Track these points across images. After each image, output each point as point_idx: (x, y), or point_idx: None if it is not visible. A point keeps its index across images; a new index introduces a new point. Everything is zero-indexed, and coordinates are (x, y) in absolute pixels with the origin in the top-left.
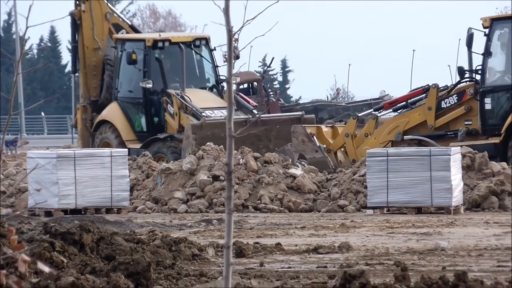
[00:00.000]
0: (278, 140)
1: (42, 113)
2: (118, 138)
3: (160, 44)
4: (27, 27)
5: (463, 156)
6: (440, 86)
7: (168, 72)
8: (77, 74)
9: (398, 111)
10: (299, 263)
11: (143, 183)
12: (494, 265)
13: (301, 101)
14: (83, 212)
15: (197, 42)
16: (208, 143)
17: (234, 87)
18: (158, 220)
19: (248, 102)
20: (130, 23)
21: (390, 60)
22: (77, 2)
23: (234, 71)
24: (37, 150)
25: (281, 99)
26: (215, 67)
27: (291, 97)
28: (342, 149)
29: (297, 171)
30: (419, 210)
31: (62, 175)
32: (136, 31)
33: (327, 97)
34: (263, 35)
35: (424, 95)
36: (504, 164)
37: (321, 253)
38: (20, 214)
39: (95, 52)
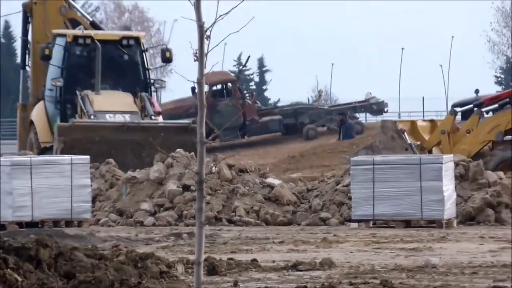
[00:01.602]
0: (163, 150)
1: None
2: (37, 140)
3: (81, 41)
4: None
5: (456, 164)
6: None
7: (94, 72)
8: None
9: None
10: (276, 282)
11: (106, 194)
12: (490, 284)
13: (279, 104)
14: (40, 225)
15: (125, 41)
16: (178, 150)
17: (205, 88)
18: (122, 233)
19: (153, 105)
20: (91, 19)
21: (376, 59)
22: None
23: (205, 71)
24: None
25: (258, 102)
26: (145, 69)
27: (269, 99)
28: (440, 146)
29: (275, 180)
30: (408, 224)
31: (17, 185)
32: (97, 28)
33: (308, 99)
34: (237, 31)
35: None
36: (500, 173)
37: (301, 270)
38: None
39: None
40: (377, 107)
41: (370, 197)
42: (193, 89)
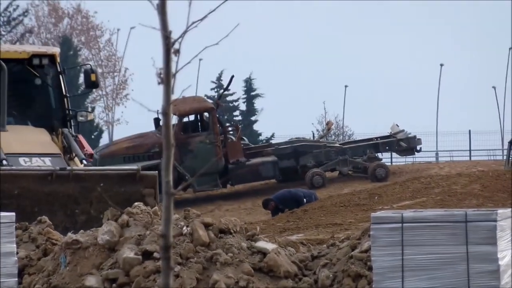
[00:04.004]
0: (102, 204)
1: None
2: None
3: None
4: None
5: None
6: None
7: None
8: None
9: None
10: None
11: (38, 264)
12: None
13: (274, 141)
14: None
15: (36, 61)
16: (136, 204)
17: (174, 120)
18: None
19: (83, 147)
20: None
21: (403, 80)
22: None
23: (174, 97)
24: None
25: (245, 138)
26: (62, 97)
27: (260, 134)
28: None
29: (268, 244)
30: None
31: None
32: None
33: (313, 134)
34: (216, 43)
35: None
36: None
37: None
38: None
39: None
40: (406, 145)
41: (398, 266)
42: (156, 121)
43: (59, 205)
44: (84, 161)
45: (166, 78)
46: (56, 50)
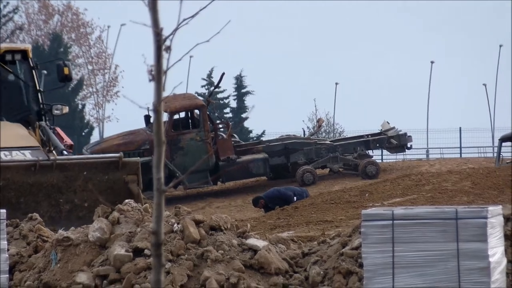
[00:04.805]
0: (86, 193)
1: None
2: None
3: None
4: None
5: (507, 219)
6: None
7: None
8: None
9: None
10: None
11: (29, 261)
12: None
13: (264, 138)
14: None
15: (9, 57)
16: (127, 201)
17: (164, 117)
18: None
19: (62, 139)
20: None
21: (394, 77)
22: None
23: (164, 94)
24: None
25: (235, 135)
26: (36, 91)
27: (250, 131)
28: None
29: (259, 241)
30: None
31: None
32: None
33: (304, 131)
34: (207, 40)
35: None
36: None
37: None
38: None
39: None
40: (397, 142)
41: (389, 263)
42: (147, 118)
43: (44, 195)
44: (64, 152)
45: (157, 75)
46: (28, 46)
